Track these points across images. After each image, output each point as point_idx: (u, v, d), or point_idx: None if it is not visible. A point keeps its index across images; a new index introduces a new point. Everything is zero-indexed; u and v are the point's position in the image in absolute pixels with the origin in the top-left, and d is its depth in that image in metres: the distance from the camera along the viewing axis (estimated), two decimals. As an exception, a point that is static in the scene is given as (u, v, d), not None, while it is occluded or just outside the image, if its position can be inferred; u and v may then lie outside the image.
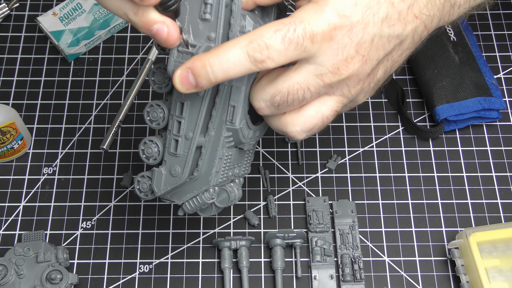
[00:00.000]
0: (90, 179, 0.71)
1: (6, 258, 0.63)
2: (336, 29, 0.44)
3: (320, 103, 0.49)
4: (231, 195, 0.54)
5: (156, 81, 0.51)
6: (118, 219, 0.69)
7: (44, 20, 0.78)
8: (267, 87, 0.47)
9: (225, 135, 0.50)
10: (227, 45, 0.44)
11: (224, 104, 0.49)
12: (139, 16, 0.44)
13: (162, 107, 0.51)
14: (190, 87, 0.45)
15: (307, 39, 0.44)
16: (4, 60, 0.79)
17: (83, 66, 0.78)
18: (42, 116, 0.75)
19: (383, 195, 0.70)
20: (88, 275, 0.66)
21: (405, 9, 0.46)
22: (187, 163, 0.51)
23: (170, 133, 0.51)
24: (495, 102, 0.71)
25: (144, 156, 0.53)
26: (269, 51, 0.43)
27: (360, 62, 0.46)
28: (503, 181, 0.70)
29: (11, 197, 0.70)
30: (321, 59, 0.45)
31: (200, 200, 0.53)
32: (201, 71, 0.44)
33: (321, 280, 0.64)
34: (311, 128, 0.49)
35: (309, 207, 0.68)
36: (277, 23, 0.44)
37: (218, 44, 0.47)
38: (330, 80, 0.46)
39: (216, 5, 0.46)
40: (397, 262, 0.66)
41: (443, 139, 0.73)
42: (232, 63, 0.44)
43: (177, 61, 0.47)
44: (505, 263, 0.61)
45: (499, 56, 0.78)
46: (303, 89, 0.47)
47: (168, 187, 0.52)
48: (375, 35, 0.46)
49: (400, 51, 0.49)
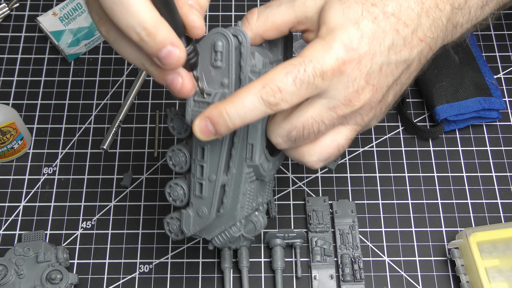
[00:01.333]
0: (90, 179, 0.71)
1: (6, 258, 0.63)
2: (345, 63, 0.45)
3: (335, 133, 0.50)
4: (257, 225, 0.55)
5: (175, 127, 0.53)
6: (118, 219, 0.69)
7: (44, 20, 0.78)
8: (283, 123, 0.48)
9: (246, 171, 0.51)
10: (242, 92, 0.45)
11: (242, 143, 0.50)
12: (155, 65, 0.44)
13: (183, 151, 0.53)
14: (209, 135, 0.46)
15: (317, 77, 0.45)
16: (4, 60, 0.79)
17: (83, 66, 0.78)
18: (42, 116, 0.75)
19: (383, 195, 0.70)
20: (88, 275, 0.66)
21: (410, 34, 0.47)
22: (213, 204, 0.53)
23: (193, 176, 0.53)
24: (495, 102, 0.71)
25: (171, 198, 0.55)
26: (282, 93, 0.45)
27: (371, 91, 0.47)
28: (503, 181, 0.70)
29: (11, 197, 0.70)
30: (333, 93, 0.46)
31: (229, 234, 0.54)
32: (219, 120, 0.45)
33: (321, 280, 0.64)
34: (327, 158, 0.51)
35: (309, 207, 0.68)
36: (287, 64, 0.45)
37: (231, 89, 0.48)
38: (343, 112, 0.47)
39: (226, 52, 0.47)
40: (397, 262, 0.66)
41: (443, 139, 0.73)
42: (248, 109, 0.45)
43: (194, 110, 0.49)
44: (505, 263, 0.61)
45: (499, 56, 0.78)
46: (317, 123, 0.48)
47: (197, 227, 0.54)
48: (383, 63, 0.47)
49: (408, 74, 0.50)
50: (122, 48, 0.44)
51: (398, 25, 0.47)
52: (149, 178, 0.71)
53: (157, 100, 0.76)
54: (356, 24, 0.46)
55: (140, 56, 0.44)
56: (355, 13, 0.46)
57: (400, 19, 0.47)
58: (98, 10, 0.43)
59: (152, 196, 0.70)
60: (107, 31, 0.43)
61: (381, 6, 0.47)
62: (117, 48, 0.44)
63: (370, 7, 0.47)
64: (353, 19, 0.46)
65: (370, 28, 0.46)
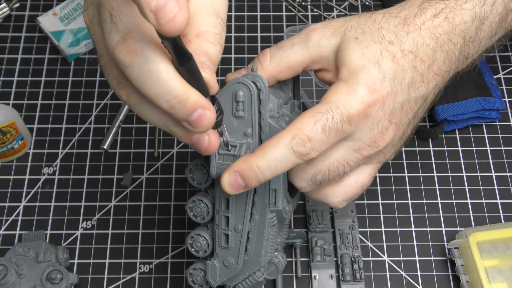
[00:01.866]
0: (90, 179, 0.71)
1: (7, 258, 0.63)
2: (370, 106, 0.46)
3: (358, 173, 0.50)
4: (279, 266, 0.54)
5: (195, 178, 0.52)
6: (118, 219, 0.69)
7: (45, 20, 0.78)
8: (307, 167, 0.48)
9: (269, 216, 0.51)
10: (271, 144, 0.45)
11: (264, 189, 0.50)
12: (180, 126, 0.43)
13: (204, 202, 0.52)
14: (239, 188, 0.46)
15: (345, 123, 0.45)
16: (5, 60, 0.79)
17: (83, 66, 0.78)
18: (42, 116, 0.75)
19: (383, 195, 0.70)
20: (88, 275, 0.66)
21: (426, 69, 0.48)
22: (240, 254, 0.52)
23: (218, 227, 0.52)
24: (495, 102, 0.71)
25: (193, 250, 0.53)
26: (312, 143, 0.44)
27: (394, 130, 0.48)
28: (502, 181, 0.70)
29: (12, 197, 0.70)
30: (358, 135, 0.47)
31: (253, 280, 0.54)
32: (250, 174, 0.45)
33: (321, 280, 0.64)
34: (351, 197, 0.51)
35: (309, 207, 0.68)
36: (314, 112, 0.45)
37: (255, 138, 0.48)
38: (368, 153, 0.48)
39: (248, 101, 0.47)
40: (397, 262, 0.66)
41: (443, 139, 0.73)
42: (279, 161, 0.45)
43: (219, 163, 0.48)
44: (505, 263, 0.61)
45: (499, 56, 0.78)
46: (343, 165, 0.48)
47: (224, 278, 0.53)
48: (404, 101, 0.47)
49: (424, 108, 0.51)
50: (144, 112, 0.42)
51: (416, 61, 0.47)
52: (149, 178, 0.71)
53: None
54: (377, 65, 0.46)
55: (164, 119, 0.42)
56: (375, 53, 0.47)
57: (417, 56, 0.47)
58: (116, 74, 0.42)
59: (152, 196, 0.70)
60: (127, 95, 0.42)
61: (398, 44, 0.47)
62: (138, 111, 0.43)
63: (388, 45, 0.47)
64: (373, 59, 0.46)
65: (390, 67, 0.46)
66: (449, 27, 0.49)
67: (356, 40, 0.48)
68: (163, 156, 0.72)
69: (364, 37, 0.48)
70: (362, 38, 0.47)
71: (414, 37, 0.47)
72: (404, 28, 0.48)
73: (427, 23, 0.48)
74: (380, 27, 0.48)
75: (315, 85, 0.76)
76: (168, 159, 0.72)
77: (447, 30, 0.49)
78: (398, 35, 0.47)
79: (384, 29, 0.48)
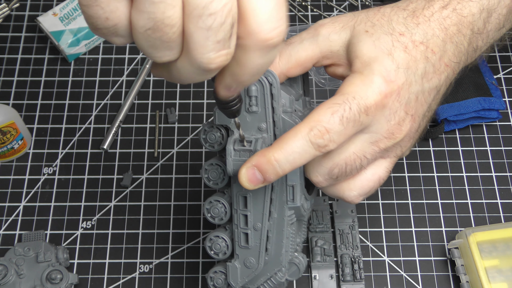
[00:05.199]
0: (90, 179, 0.71)
1: (6, 258, 0.63)
2: (386, 96, 0.45)
3: (375, 166, 0.50)
4: (300, 266, 0.53)
5: (210, 178, 0.51)
6: (118, 219, 0.69)
7: (44, 20, 0.78)
8: (324, 161, 0.47)
9: (288, 214, 0.50)
10: (289, 137, 0.44)
11: (281, 186, 0.49)
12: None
13: (222, 202, 0.51)
14: (257, 183, 0.45)
15: (362, 114, 0.45)
16: (4, 60, 0.79)
17: (83, 66, 0.78)
18: (42, 116, 0.75)
19: (383, 195, 0.70)
20: (88, 275, 0.66)
21: (438, 60, 0.48)
22: (261, 253, 0.51)
23: (237, 227, 0.51)
24: (495, 102, 0.71)
25: (212, 253, 0.52)
26: (330, 134, 0.44)
27: (411, 122, 0.47)
28: (502, 181, 0.70)
29: (11, 197, 0.70)
30: (376, 127, 0.46)
31: (275, 281, 0.53)
32: (268, 167, 0.44)
33: (321, 280, 0.64)
34: (368, 191, 0.51)
35: (309, 207, 0.68)
36: (331, 104, 0.45)
37: (270, 133, 0.47)
38: (386, 145, 0.47)
39: (261, 96, 0.46)
40: (397, 262, 0.66)
41: (443, 139, 0.73)
42: (298, 153, 0.44)
43: (235, 160, 0.47)
44: (505, 263, 0.61)
45: (499, 56, 0.78)
46: (360, 158, 0.47)
47: (246, 279, 0.52)
48: (418, 92, 0.47)
49: (437, 99, 0.50)
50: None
51: (427, 52, 0.47)
52: (149, 178, 0.71)
53: (157, 100, 0.76)
54: (390, 55, 0.46)
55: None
56: (387, 44, 0.46)
57: (428, 47, 0.47)
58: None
59: (152, 196, 0.70)
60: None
61: (408, 35, 0.47)
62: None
63: (399, 36, 0.47)
64: (386, 50, 0.46)
65: (403, 58, 0.46)
66: (458, 18, 0.49)
67: (366, 33, 0.47)
68: (163, 156, 0.72)
69: (374, 30, 0.47)
70: (372, 31, 0.47)
71: (424, 28, 0.47)
72: (414, 20, 0.48)
73: (436, 14, 0.48)
74: (389, 19, 0.48)
75: (315, 85, 0.76)
76: (168, 159, 0.72)
77: (456, 22, 0.48)
78: (408, 27, 0.47)
79: (394, 21, 0.48)
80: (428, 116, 0.51)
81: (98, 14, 0.31)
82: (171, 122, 0.74)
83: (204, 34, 0.31)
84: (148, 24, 0.30)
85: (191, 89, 0.77)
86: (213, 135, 0.50)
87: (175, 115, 0.74)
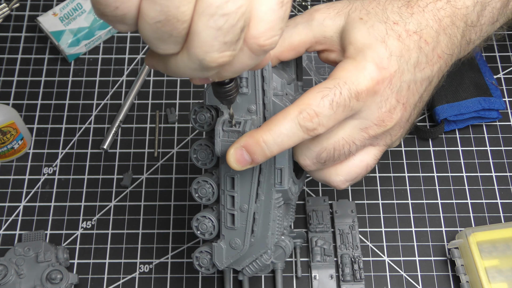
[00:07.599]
0: (90, 179, 0.71)
1: (6, 258, 0.63)
2: (378, 83, 0.45)
3: (364, 153, 0.49)
4: (286, 249, 0.54)
5: (199, 158, 0.51)
6: (118, 219, 0.69)
7: (44, 20, 0.78)
8: (312, 145, 0.47)
9: (275, 197, 0.50)
10: (278, 119, 0.44)
11: (270, 168, 0.49)
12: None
13: (209, 183, 0.51)
14: (245, 164, 0.45)
15: (353, 99, 0.45)
16: (4, 60, 0.79)
17: (83, 66, 0.78)
18: (42, 116, 0.75)
19: (383, 195, 0.70)
20: (88, 275, 0.66)
21: (431, 51, 0.48)
22: (247, 234, 0.51)
23: (224, 208, 0.51)
24: (495, 102, 0.71)
25: (199, 232, 0.53)
26: (319, 118, 0.44)
27: (401, 110, 0.47)
28: (502, 181, 0.70)
29: (11, 197, 0.70)
30: (366, 113, 0.46)
31: (260, 263, 0.53)
32: (256, 148, 0.44)
33: (321, 280, 0.64)
34: (355, 178, 0.50)
35: (309, 207, 0.68)
36: (321, 87, 0.45)
37: (259, 115, 0.47)
38: (375, 132, 0.47)
39: (252, 77, 0.46)
40: (397, 262, 0.66)
41: (443, 139, 0.73)
42: (286, 135, 0.44)
43: (224, 141, 0.47)
44: (505, 263, 0.61)
45: (499, 56, 0.78)
46: (348, 144, 0.47)
47: (231, 259, 0.52)
48: (410, 81, 0.47)
49: (428, 91, 0.50)
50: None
51: (421, 42, 0.47)
52: (149, 178, 0.71)
53: (157, 100, 0.76)
54: (384, 43, 0.46)
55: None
56: (380, 32, 0.47)
57: (422, 37, 0.47)
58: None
59: (152, 196, 0.70)
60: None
61: (402, 25, 0.47)
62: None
63: (393, 25, 0.47)
64: (380, 37, 0.46)
65: (396, 46, 0.46)
66: (452, 10, 0.49)
67: (361, 20, 0.48)
68: (163, 156, 0.72)
69: (369, 17, 0.48)
70: (367, 19, 0.48)
71: (418, 18, 0.48)
72: (408, 10, 0.48)
73: (430, 5, 0.48)
74: (384, 8, 0.48)
75: (315, 84, 0.76)
76: (168, 159, 0.72)
77: (450, 14, 0.49)
78: (402, 16, 0.48)
79: (388, 10, 0.48)
80: (420, 107, 0.51)
81: (109, 2, 0.30)
82: (171, 122, 0.74)
83: (212, 34, 0.31)
84: (159, 17, 0.30)
85: (191, 89, 0.77)
86: (203, 115, 0.50)
87: (175, 115, 0.74)
